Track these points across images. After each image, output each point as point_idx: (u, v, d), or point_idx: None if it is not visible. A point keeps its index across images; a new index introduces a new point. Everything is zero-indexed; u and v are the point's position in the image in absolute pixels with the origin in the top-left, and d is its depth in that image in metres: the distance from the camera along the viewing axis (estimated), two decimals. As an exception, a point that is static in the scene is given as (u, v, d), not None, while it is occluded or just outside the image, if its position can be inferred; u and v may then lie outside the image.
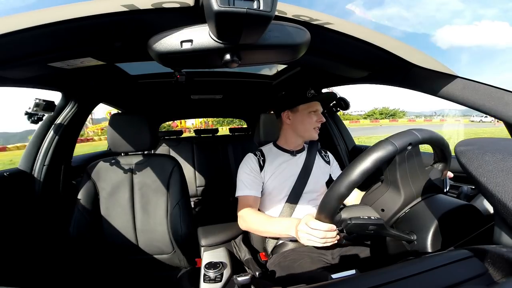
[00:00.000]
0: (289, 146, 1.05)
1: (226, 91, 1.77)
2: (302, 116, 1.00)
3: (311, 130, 1.00)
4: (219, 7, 0.38)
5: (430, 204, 0.52)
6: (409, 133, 0.52)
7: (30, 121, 1.10)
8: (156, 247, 1.10)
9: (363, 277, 0.36)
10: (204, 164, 2.37)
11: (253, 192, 0.94)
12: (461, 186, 0.65)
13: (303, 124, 1.00)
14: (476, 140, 0.45)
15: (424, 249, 0.46)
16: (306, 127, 1.00)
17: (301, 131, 1.01)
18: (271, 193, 0.98)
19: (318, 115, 1.00)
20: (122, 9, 0.47)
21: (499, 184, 0.34)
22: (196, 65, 0.60)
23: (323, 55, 0.78)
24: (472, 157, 0.39)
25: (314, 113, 1.00)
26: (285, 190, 0.97)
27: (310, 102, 1.00)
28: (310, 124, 0.99)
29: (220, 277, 0.78)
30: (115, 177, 1.12)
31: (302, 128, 1.00)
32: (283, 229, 0.76)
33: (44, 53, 0.62)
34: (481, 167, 0.37)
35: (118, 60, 0.90)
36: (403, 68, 0.74)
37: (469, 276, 0.32)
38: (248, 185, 0.95)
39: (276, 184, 0.98)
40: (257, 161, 1.00)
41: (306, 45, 0.52)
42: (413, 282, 0.33)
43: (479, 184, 0.37)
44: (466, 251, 0.37)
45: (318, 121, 0.99)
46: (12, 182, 1.02)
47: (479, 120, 29.16)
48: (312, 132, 1.00)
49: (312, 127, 1.00)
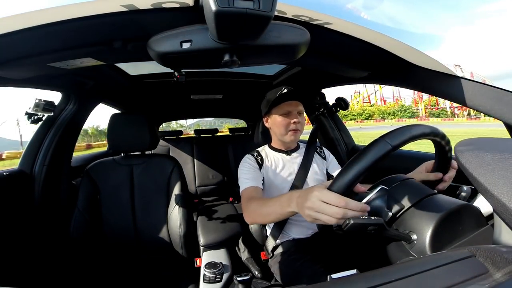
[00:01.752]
0: (280, 146, 1.05)
1: (226, 91, 1.77)
2: (276, 120, 0.99)
3: (287, 134, 0.97)
4: (218, 7, 0.38)
5: (430, 204, 0.52)
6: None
7: (30, 121, 1.10)
8: (156, 247, 1.10)
9: (363, 277, 0.36)
10: (204, 164, 2.37)
11: (254, 183, 0.92)
12: (461, 186, 0.65)
13: (278, 127, 0.98)
14: (476, 140, 0.45)
15: (424, 249, 0.46)
16: (281, 131, 0.98)
17: (279, 135, 1.00)
18: (271, 193, 0.98)
19: (291, 116, 0.96)
20: (122, 9, 0.47)
21: (498, 184, 0.34)
22: (196, 65, 0.60)
23: (323, 55, 0.78)
24: (472, 157, 0.39)
25: (287, 115, 0.96)
26: (284, 189, 0.97)
27: (280, 105, 0.98)
28: (284, 127, 0.96)
29: (220, 277, 0.78)
30: (115, 177, 1.12)
31: (278, 131, 0.99)
32: (280, 207, 0.65)
33: (44, 53, 0.62)
34: (481, 167, 0.37)
35: (118, 60, 0.90)
36: (403, 68, 0.74)
37: (469, 276, 0.32)
38: (248, 179, 0.93)
39: (275, 183, 0.98)
40: (255, 160, 1.00)
41: (306, 45, 0.52)
42: (413, 282, 0.33)
43: (479, 184, 0.37)
44: (466, 251, 0.37)
45: (292, 122, 0.95)
46: (12, 182, 1.02)
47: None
48: (288, 135, 0.97)
49: (286, 130, 0.96)
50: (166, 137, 2.53)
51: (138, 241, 1.09)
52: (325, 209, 0.49)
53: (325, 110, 1.58)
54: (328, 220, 0.49)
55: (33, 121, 1.10)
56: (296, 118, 0.97)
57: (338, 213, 0.47)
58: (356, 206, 0.48)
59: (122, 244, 1.09)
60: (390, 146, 0.47)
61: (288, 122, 0.96)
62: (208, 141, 2.50)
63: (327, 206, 0.49)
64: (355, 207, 0.48)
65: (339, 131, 1.64)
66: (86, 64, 0.76)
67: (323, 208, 0.49)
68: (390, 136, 0.48)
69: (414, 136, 0.49)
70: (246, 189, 0.91)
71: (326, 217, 0.49)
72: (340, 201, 0.48)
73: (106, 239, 1.08)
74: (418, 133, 0.49)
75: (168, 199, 1.12)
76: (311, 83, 1.44)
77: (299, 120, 0.97)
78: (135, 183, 1.12)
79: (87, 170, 1.11)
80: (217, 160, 2.41)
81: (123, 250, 1.10)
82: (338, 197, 0.49)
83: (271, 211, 0.70)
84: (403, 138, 0.48)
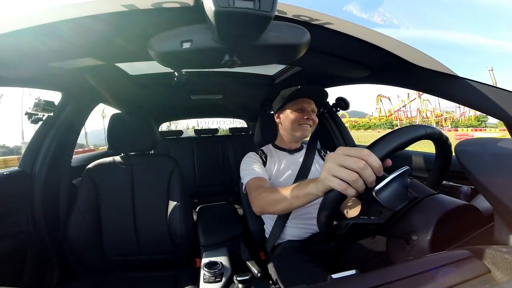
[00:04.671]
0: (285, 145, 1.07)
1: (226, 91, 1.77)
2: (289, 114, 1.02)
3: (298, 128, 1.00)
4: (219, 7, 0.38)
5: (430, 204, 0.52)
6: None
7: (30, 121, 1.10)
8: (156, 247, 1.10)
9: (363, 277, 0.36)
10: (204, 164, 2.37)
11: (260, 174, 0.92)
12: (461, 186, 0.65)
13: (290, 122, 1.01)
14: (476, 140, 0.45)
15: (424, 249, 0.46)
16: (293, 125, 1.01)
17: (290, 129, 1.03)
18: None
19: (305, 113, 1.00)
20: (122, 9, 0.47)
21: (499, 184, 0.34)
22: (196, 65, 0.60)
23: (323, 55, 0.78)
24: (472, 157, 0.39)
25: (301, 110, 1.00)
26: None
27: (295, 100, 1.01)
28: (296, 121, 1.00)
29: (220, 277, 0.77)
30: (115, 177, 1.12)
31: (290, 126, 1.02)
32: (299, 189, 0.60)
33: (44, 53, 0.62)
34: (481, 167, 0.37)
35: (118, 60, 0.90)
36: (403, 68, 0.74)
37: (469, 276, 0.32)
38: (254, 169, 0.94)
39: (278, 182, 0.98)
40: (260, 158, 1.01)
41: (306, 45, 0.52)
42: (413, 282, 0.33)
43: (479, 184, 0.37)
44: (466, 251, 0.37)
45: (304, 117, 0.99)
46: (12, 182, 1.02)
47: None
48: (299, 129, 1.01)
49: (298, 124, 1.00)
50: (166, 137, 2.53)
51: (138, 240, 1.09)
52: (345, 162, 0.45)
53: (325, 110, 1.58)
54: (348, 175, 0.44)
55: (33, 121, 1.10)
56: (309, 115, 1.00)
57: (358, 165, 0.43)
58: (376, 161, 0.44)
59: (122, 244, 1.09)
60: (424, 132, 0.49)
61: (301, 117, 0.99)
62: (208, 141, 2.50)
63: (349, 158, 0.45)
64: (375, 161, 0.44)
65: (339, 131, 1.63)
66: (86, 64, 0.76)
67: (344, 161, 0.45)
68: (426, 127, 0.51)
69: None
70: (253, 179, 0.90)
71: (346, 172, 0.44)
72: (361, 153, 0.44)
73: (106, 239, 1.08)
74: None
75: (168, 199, 1.12)
76: (311, 83, 1.44)
77: (312, 118, 1.01)
78: (135, 183, 1.12)
79: (87, 170, 1.11)
80: (217, 160, 2.40)
81: (123, 250, 1.10)
82: (360, 149, 0.45)
83: (285, 196, 0.66)
84: (431, 131, 0.51)
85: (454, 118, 57.23)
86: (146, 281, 1.02)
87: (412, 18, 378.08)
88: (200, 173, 2.35)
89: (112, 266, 1.10)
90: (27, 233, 1.03)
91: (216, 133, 2.74)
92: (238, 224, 1.27)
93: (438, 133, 0.53)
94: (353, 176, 0.44)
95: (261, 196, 0.78)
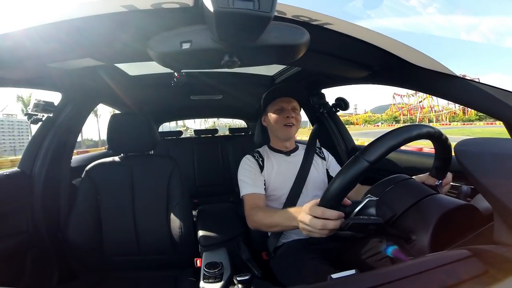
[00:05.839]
0: (280, 146, 1.07)
1: (226, 92, 1.77)
2: (271, 116, 1.02)
3: (282, 128, 1.00)
4: (218, 8, 0.38)
5: (430, 204, 0.52)
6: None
7: (30, 122, 1.10)
8: (156, 247, 1.10)
9: (363, 277, 0.36)
10: (204, 164, 2.37)
11: (257, 190, 0.94)
12: (461, 186, 0.65)
13: (273, 123, 1.02)
14: (476, 140, 0.45)
15: (424, 249, 0.46)
16: (276, 126, 1.01)
17: (274, 131, 1.03)
18: (272, 193, 0.98)
19: (284, 112, 1.00)
20: (122, 10, 0.47)
21: (498, 184, 0.34)
22: (195, 66, 0.60)
23: (323, 55, 0.78)
24: (472, 157, 0.39)
25: (281, 111, 1.00)
26: (284, 189, 0.97)
27: (274, 101, 1.01)
28: (278, 122, 1.00)
29: (220, 277, 0.77)
30: (115, 177, 1.12)
31: (273, 128, 1.02)
32: (287, 221, 0.71)
33: (44, 53, 0.62)
34: (481, 167, 0.37)
35: (118, 60, 0.90)
36: (403, 68, 0.74)
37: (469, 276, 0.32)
38: (250, 183, 0.95)
39: (276, 184, 0.98)
40: (256, 162, 1.00)
41: (305, 46, 0.52)
42: (413, 282, 0.33)
43: (479, 184, 0.37)
44: (466, 251, 0.37)
45: (285, 117, 0.99)
46: (12, 183, 1.02)
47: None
48: (282, 130, 1.00)
49: (281, 125, 1.00)
50: (166, 138, 2.53)
51: (138, 241, 1.09)
52: (310, 222, 0.54)
53: (325, 110, 1.58)
54: (313, 231, 0.54)
55: (33, 121, 1.10)
56: (289, 113, 0.99)
57: (317, 224, 0.52)
58: (332, 215, 0.51)
59: (122, 244, 1.09)
60: (367, 163, 0.48)
61: (282, 118, 0.99)
62: (208, 141, 2.50)
63: (313, 220, 0.53)
64: (331, 215, 0.51)
65: (339, 131, 1.63)
66: (86, 64, 0.76)
67: (309, 221, 0.54)
68: (364, 152, 0.49)
69: (394, 146, 0.49)
70: (249, 195, 0.93)
71: (310, 228, 0.54)
72: (319, 212, 0.52)
73: (106, 239, 1.08)
74: (400, 140, 0.50)
75: (168, 199, 1.12)
76: (311, 83, 1.44)
77: (293, 116, 0.99)
78: (135, 183, 1.12)
79: (87, 171, 1.11)
80: (217, 160, 2.41)
81: (123, 250, 1.10)
82: (319, 209, 0.52)
83: (277, 223, 0.75)
84: (379, 152, 0.49)
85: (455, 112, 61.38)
86: (146, 281, 1.02)
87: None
88: (200, 174, 2.35)
89: (112, 266, 1.10)
90: (27, 233, 1.03)
91: (216, 133, 2.74)
92: (238, 224, 1.27)
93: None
94: (316, 232, 0.54)
95: (256, 218, 0.85)
